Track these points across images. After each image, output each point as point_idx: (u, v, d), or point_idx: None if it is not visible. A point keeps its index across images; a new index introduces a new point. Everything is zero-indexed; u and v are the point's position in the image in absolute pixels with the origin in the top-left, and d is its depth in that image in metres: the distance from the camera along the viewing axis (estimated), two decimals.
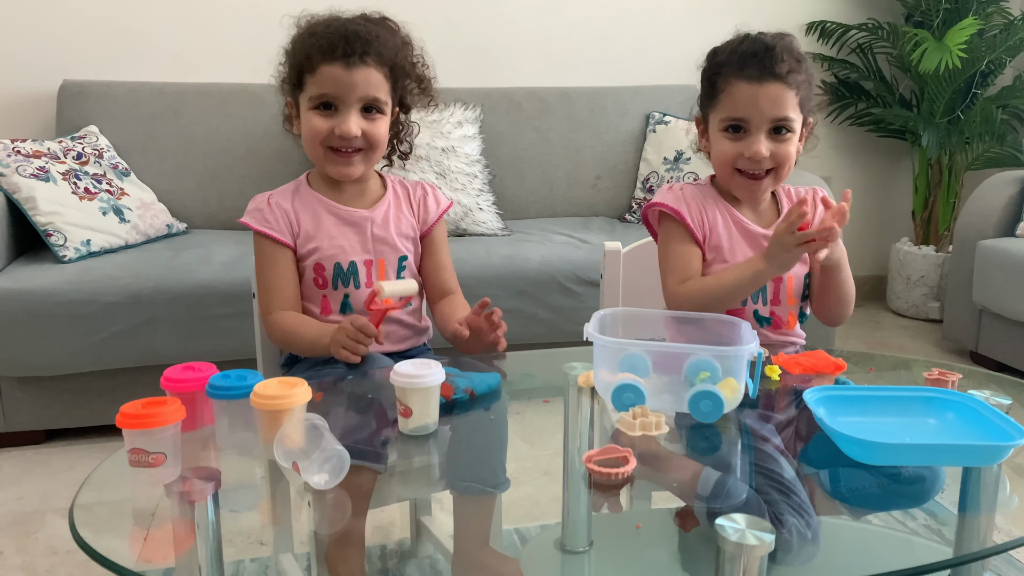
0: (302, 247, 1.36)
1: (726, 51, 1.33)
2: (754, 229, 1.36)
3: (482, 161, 2.69)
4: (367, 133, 1.32)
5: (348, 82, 1.28)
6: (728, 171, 1.34)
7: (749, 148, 1.29)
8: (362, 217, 1.38)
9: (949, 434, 0.97)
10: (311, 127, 1.31)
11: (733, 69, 1.30)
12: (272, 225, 1.35)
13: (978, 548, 0.99)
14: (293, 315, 1.33)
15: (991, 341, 2.73)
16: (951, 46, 2.87)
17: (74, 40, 2.65)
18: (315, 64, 1.28)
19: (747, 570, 0.74)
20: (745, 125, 1.30)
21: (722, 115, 1.31)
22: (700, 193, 1.38)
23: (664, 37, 3.18)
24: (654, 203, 1.38)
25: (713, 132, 1.34)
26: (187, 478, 0.90)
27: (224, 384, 0.97)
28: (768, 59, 1.27)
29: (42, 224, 2.14)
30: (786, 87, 1.28)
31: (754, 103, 1.28)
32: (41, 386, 2.09)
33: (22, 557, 1.64)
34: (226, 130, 2.63)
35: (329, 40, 1.27)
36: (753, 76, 1.28)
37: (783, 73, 1.27)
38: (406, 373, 0.98)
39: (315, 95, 1.30)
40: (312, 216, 1.37)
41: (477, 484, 1.04)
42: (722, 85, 1.31)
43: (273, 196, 1.38)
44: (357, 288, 1.36)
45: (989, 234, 2.72)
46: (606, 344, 1.05)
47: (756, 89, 1.27)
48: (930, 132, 3.07)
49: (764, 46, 1.29)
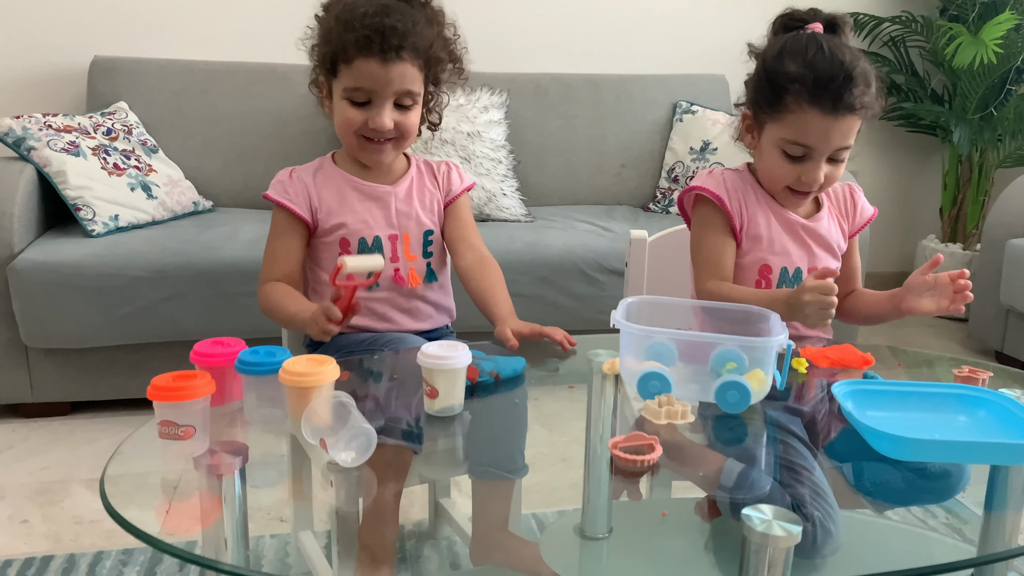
0: (325, 222, 1.36)
1: (798, 61, 1.24)
2: (794, 219, 1.34)
3: (507, 147, 2.68)
4: (400, 124, 1.33)
5: (384, 78, 1.28)
6: (779, 187, 1.32)
7: (808, 174, 1.26)
8: (386, 192, 1.39)
9: (980, 432, 0.96)
10: (345, 117, 1.32)
11: (807, 93, 1.22)
12: (291, 198, 1.36)
13: (1003, 548, 0.99)
14: (283, 287, 1.34)
15: (1017, 341, 2.69)
16: (987, 41, 2.82)
17: (105, 17, 2.66)
18: (350, 57, 1.28)
19: (773, 561, 0.74)
20: (809, 152, 1.26)
21: (785, 135, 1.26)
22: (741, 181, 1.36)
23: (693, 25, 3.15)
24: (694, 187, 1.35)
25: (768, 143, 1.29)
26: (215, 452, 0.90)
27: (253, 360, 0.98)
28: (847, 90, 1.21)
29: (72, 198, 2.17)
30: (858, 118, 1.24)
31: (825, 136, 1.23)
32: (67, 358, 2.11)
33: (47, 525, 1.67)
34: (253, 109, 2.64)
35: (366, 35, 1.25)
36: (828, 108, 1.22)
37: (859, 104, 1.22)
38: (434, 354, 0.98)
39: (350, 87, 1.30)
40: (336, 192, 1.38)
41: (495, 469, 1.04)
42: (791, 104, 1.24)
43: (296, 171, 1.40)
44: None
45: (1019, 233, 2.68)
46: (633, 331, 1.05)
47: (830, 122, 1.22)
48: (962, 128, 3.02)
49: (842, 73, 1.21)
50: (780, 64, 1.26)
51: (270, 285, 1.35)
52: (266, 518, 1.64)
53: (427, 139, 2.51)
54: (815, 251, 1.35)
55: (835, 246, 1.38)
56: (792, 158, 1.27)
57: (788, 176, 1.28)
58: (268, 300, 1.34)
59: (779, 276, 1.34)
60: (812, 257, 1.35)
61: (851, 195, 1.42)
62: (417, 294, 1.38)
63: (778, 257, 1.33)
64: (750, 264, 1.34)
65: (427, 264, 1.41)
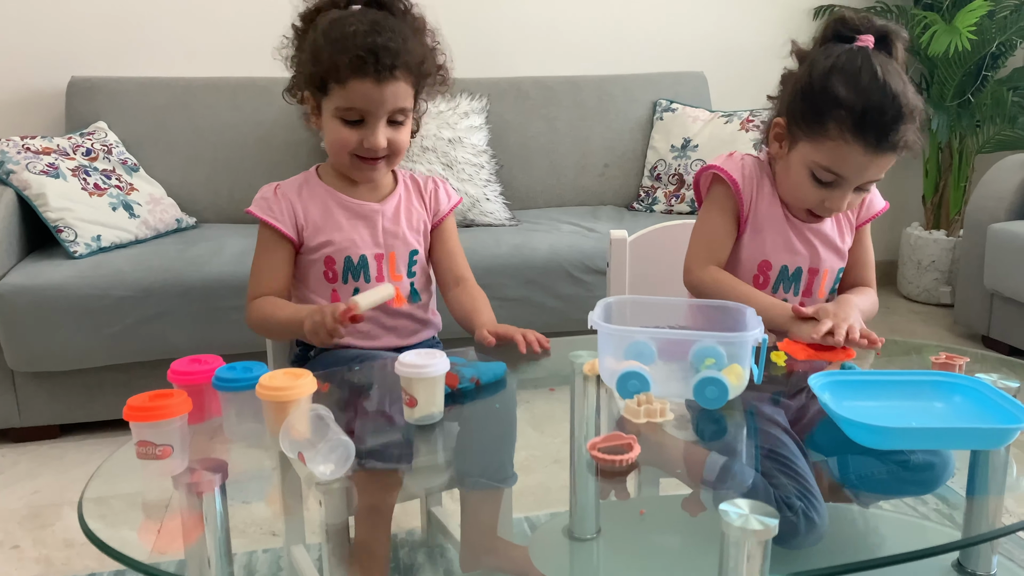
0: (311, 240, 1.35)
1: (848, 86, 1.18)
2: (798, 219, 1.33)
3: (489, 151, 2.69)
4: (392, 141, 1.32)
5: (378, 98, 1.26)
6: (799, 205, 1.30)
7: (833, 201, 1.24)
8: (372, 210, 1.38)
9: (956, 418, 0.97)
10: (339, 138, 1.30)
11: (851, 124, 1.17)
12: (275, 215, 1.34)
13: (987, 530, 0.99)
14: (272, 299, 1.33)
15: (1003, 325, 2.71)
16: (961, 28, 2.84)
17: (82, 36, 2.66)
18: (343, 77, 1.25)
19: (751, 555, 0.74)
20: (839, 181, 1.22)
21: (819, 159, 1.22)
22: (759, 170, 1.34)
23: (671, 24, 3.16)
24: (712, 166, 1.34)
25: (799, 161, 1.25)
26: (194, 469, 0.90)
27: (230, 376, 0.98)
28: (893, 129, 1.16)
29: (53, 220, 2.16)
30: (897, 155, 1.20)
31: (861, 170, 1.20)
32: (55, 381, 2.11)
33: (39, 550, 1.66)
34: (235, 123, 2.64)
35: (359, 55, 1.23)
36: (872, 144, 1.17)
37: (902, 144, 1.18)
38: (411, 363, 0.98)
39: (342, 106, 1.28)
40: (322, 209, 1.36)
41: (484, 479, 1.04)
42: (832, 131, 1.19)
43: (280, 187, 1.38)
44: (368, 282, 1.36)
45: (1000, 217, 2.70)
46: (610, 332, 1.05)
47: (871, 159, 1.19)
48: (940, 116, 3.04)
49: (893, 109, 1.16)
50: (828, 83, 1.19)
51: (258, 300, 1.33)
52: (258, 533, 1.64)
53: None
54: (820, 252, 1.33)
55: (841, 246, 1.36)
56: (820, 182, 1.24)
57: (812, 198, 1.26)
58: (258, 313, 1.32)
59: (778, 273, 1.33)
60: (816, 257, 1.33)
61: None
62: (402, 312, 1.38)
63: (780, 255, 1.32)
64: (749, 258, 1.33)
65: (411, 284, 1.40)
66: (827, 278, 1.35)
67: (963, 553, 1.15)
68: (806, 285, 1.34)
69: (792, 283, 1.33)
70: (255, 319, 1.34)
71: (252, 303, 1.34)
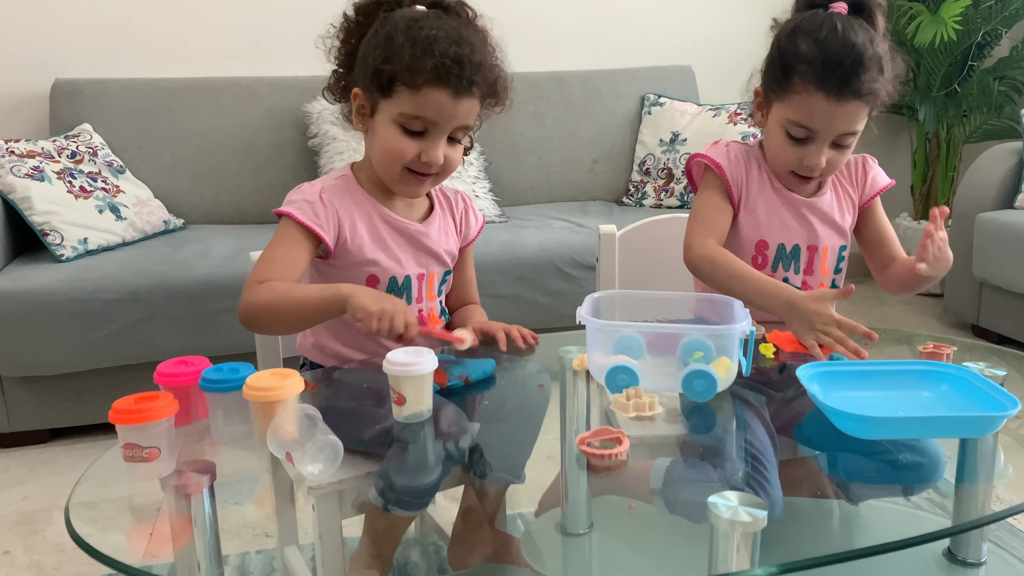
0: (356, 254, 1.24)
1: (809, 40, 1.21)
2: (795, 197, 1.34)
3: (477, 148, 2.69)
4: (447, 158, 1.23)
5: (451, 112, 1.18)
6: (782, 168, 1.31)
7: (810, 158, 1.25)
8: (417, 231, 1.29)
9: (943, 406, 0.97)
10: (396, 147, 1.20)
11: (814, 75, 1.20)
12: (321, 223, 1.20)
13: (975, 517, 1.00)
14: (285, 282, 1.18)
15: (992, 314, 2.72)
16: (946, 18, 2.85)
17: (66, 38, 2.64)
18: (420, 82, 1.15)
19: (740, 546, 0.74)
20: (811, 135, 1.24)
21: (790, 115, 1.24)
22: (746, 154, 1.35)
23: (657, 18, 3.16)
24: (697, 154, 1.35)
25: (774, 123, 1.28)
26: (182, 472, 0.90)
27: (217, 377, 0.98)
28: (854, 74, 1.18)
29: (38, 224, 2.15)
30: (865, 104, 1.21)
31: (829, 120, 1.22)
32: (44, 385, 2.09)
33: (29, 556, 1.65)
34: (221, 124, 2.63)
35: (444, 63, 1.15)
36: (833, 92, 1.19)
37: (866, 91, 1.19)
38: (398, 361, 0.98)
39: (408, 113, 1.18)
40: (368, 224, 1.25)
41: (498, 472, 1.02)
42: (798, 85, 1.22)
43: (325, 191, 1.23)
44: (409, 303, 1.27)
45: (988, 207, 2.71)
46: (598, 327, 1.05)
47: (834, 107, 1.20)
48: (927, 106, 3.05)
49: (852, 56, 1.18)
50: (792, 42, 1.23)
51: (267, 283, 1.17)
52: (251, 534, 1.64)
53: None
54: (817, 228, 1.34)
55: (840, 223, 1.36)
56: (795, 140, 1.26)
57: (790, 158, 1.27)
58: (269, 292, 1.16)
59: (776, 252, 1.33)
60: (813, 234, 1.34)
61: (863, 165, 1.40)
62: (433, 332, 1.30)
63: (776, 232, 1.32)
64: (747, 239, 1.33)
65: (441, 303, 1.35)
66: (828, 255, 1.35)
67: (953, 541, 1.15)
68: (807, 263, 1.34)
69: (792, 261, 1.34)
70: (262, 299, 1.16)
71: (258, 285, 1.17)
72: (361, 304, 1.10)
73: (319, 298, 1.15)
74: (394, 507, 0.93)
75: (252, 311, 1.17)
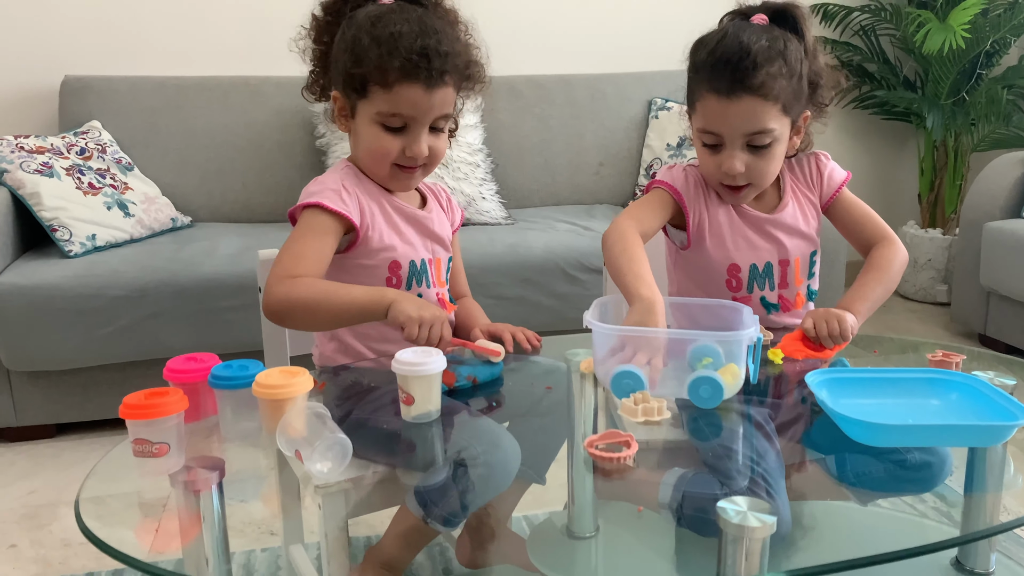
0: (375, 242, 1.24)
1: (704, 50, 1.23)
2: (757, 215, 1.34)
3: (484, 150, 2.69)
4: (432, 148, 1.24)
5: (427, 105, 1.18)
6: (712, 182, 1.31)
7: (724, 163, 1.24)
8: (423, 216, 1.31)
9: (952, 415, 0.97)
10: (380, 146, 1.21)
11: (705, 78, 1.21)
12: (350, 209, 1.20)
13: (984, 527, 1.00)
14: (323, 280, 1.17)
15: (999, 323, 2.71)
16: (955, 26, 2.84)
17: (75, 36, 2.65)
18: (391, 80, 1.16)
19: (749, 552, 0.74)
20: (719, 140, 1.23)
21: (699, 124, 1.25)
22: (704, 181, 1.35)
23: (665, 21, 3.16)
24: (657, 181, 1.35)
25: (695, 137, 1.28)
26: (191, 468, 0.90)
27: (227, 374, 0.98)
28: (741, 70, 1.17)
29: (47, 220, 2.15)
30: (761, 99, 1.18)
31: (724, 120, 1.20)
32: (51, 381, 2.10)
33: (36, 550, 1.66)
34: (228, 123, 2.64)
35: (411, 59, 1.15)
36: (723, 90, 1.18)
37: (757, 85, 1.17)
38: (407, 361, 0.98)
39: (386, 112, 1.19)
40: (381, 210, 1.26)
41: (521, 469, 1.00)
42: (698, 93, 1.23)
43: (345, 182, 1.24)
44: (429, 287, 1.28)
45: (996, 215, 2.70)
46: (604, 331, 1.05)
47: (726, 105, 1.19)
48: (935, 114, 3.05)
49: (740, 51, 1.17)
50: (694, 55, 1.25)
51: (303, 279, 1.14)
52: (257, 532, 1.64)
53: None
54: (784, 242, 1.34)
55: (806, 230, 1.36)
56: (710, 148, 1.25)
57: (711, 168, 1.27)
58: (309, 288, 1.13)
59: (748, 273, 1.33)
60: (782, 249, 1.34)
61: (816, 164, 1.39)
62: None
63: (745, 254, 1.32)
64: (718, 264, 1.32)
65: (447, 290, 1.36)
66: (800, 265, 1.35)
67: (961, 550, 1.15)
68: (780, 278, 1.34)
69: (765, 279, 1.33)
70: (300, 295, 1.12)
71: (292, 280, 1.13)
72: (404, 310, 1.10)
73: (364, 300, 1.14)
74: (434, 521, 0.93)
75: (286, 306, 1.13)
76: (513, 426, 1.04)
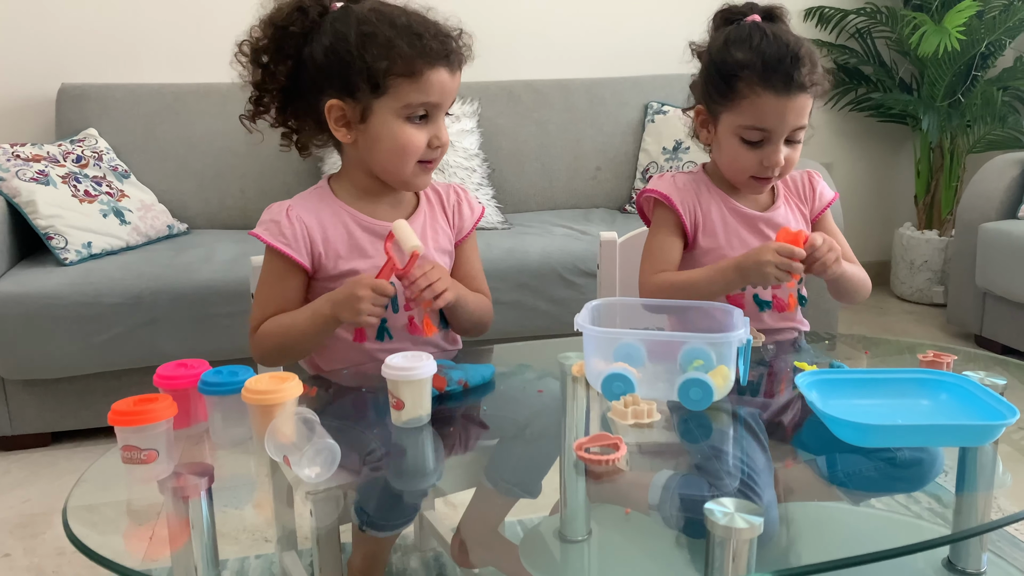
0: (332, 268, 1.21)
1: (744, 48, 1.26)
2: (750, 213, 1.35)
3: (481, 155, 2.69)
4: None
5: (451, 88, 1.18)
6: (742, 176, 1.32)
7: (769, 158, 1.27)
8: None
9: (942, 415, 0.97)
10: (409, 142, 1.16)
11: (757, 76, 1.24)
12: (289, 242, 1.19)
13: (975, 526, 0.99)
14: (279, 316, 1.20)
15: (995, 324, 2.71)
16: (950, 28, 2.85)
17: (72, 43, 2.66)
18: (416, 68, 1.13)
19: (737, 553, 0.74)
20: (767, 135, 1.26)
21: (743, 122, 1.27)
22: (694, 182, 1.37)
23: (661, 26, 3.16)
24: (646, 190, 1.37)
25: (726, 133, 1.30)
26: (180, 474, 0.90)
27: (216, 380, 0.98)
28: (796, 70, 1.23)
29: (43, 227, 2.16)
30: (811, 96, 1.26)
31: (780, 116, 1.24)
32: (46, 388, 2.10)
33: (29, 558, 1.65)
34: (225, 130, 2.64)
35: (432, 45, 1.14)
36: (781, 89, 1.23)
37: (810, 82, 1.24)
38: (397, 366, 0.98)
39: (416, 103, 1.15)
40: (344, 233, 1.22)
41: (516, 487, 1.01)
42: (744, 90, 1.25)
43: (294, 208, 1.22)
44: (396, 312, 1.23)
45: (992, 217, 2.71)
46: (595, 334, 1.05)
47: (785, 103, 1.23)
48: (931, 116, 3.05)
49: (789, 53, 1.23)
50: (728, 54, 1.27)
51: (265, 324, 1.20)
52: (250, 539, 1.63)
53: None
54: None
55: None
56: (751, 144, 1.28)
57: (750, 162, 1.29)
58: (270, 335, 1.19)
59: None
60: None
61: (809, 181, 1.43)
62: (429, 341, 1.26)
63: (738, 251, 1.32)
64: (712, 259, 1.34)
65: (440, 311, 1.28)
66: None
67: (953, 550, 1.15)
68: None
69: None
70: (270, 343, 1.19)
71: (259, 332, 1.20)
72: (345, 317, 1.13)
73: (313, 325, 1.17)
74: (369, 528, 0.94)
75: (266, 357, 1.23)
76: (504, 442, 1.04)
